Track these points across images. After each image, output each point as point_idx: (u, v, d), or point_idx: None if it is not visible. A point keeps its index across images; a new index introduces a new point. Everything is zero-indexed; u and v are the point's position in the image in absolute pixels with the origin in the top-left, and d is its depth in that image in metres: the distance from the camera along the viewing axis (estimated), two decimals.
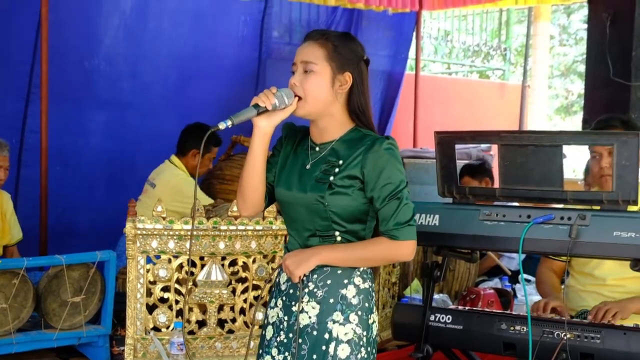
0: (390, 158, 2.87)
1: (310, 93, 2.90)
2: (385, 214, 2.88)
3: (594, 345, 3.62)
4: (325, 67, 2.91)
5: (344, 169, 2.89)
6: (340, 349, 2.89)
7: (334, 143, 2.97)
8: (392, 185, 2.86)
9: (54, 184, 6.35)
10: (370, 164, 2.86)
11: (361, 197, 2.90)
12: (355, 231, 2.95)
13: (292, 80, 2.93)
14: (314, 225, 2.96)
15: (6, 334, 4.08)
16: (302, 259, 2.91)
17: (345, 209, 2.90)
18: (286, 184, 3.00)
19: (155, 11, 7.34)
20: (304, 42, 2.97)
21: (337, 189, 2.88)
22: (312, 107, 2.93)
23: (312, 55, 2.91)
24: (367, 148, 2.87)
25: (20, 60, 6.51)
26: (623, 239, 3.45)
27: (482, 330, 3.91)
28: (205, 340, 4.33)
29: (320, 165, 2.94)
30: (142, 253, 4.24)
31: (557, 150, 3.76)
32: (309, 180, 2.94)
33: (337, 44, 2.94)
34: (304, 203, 2.95)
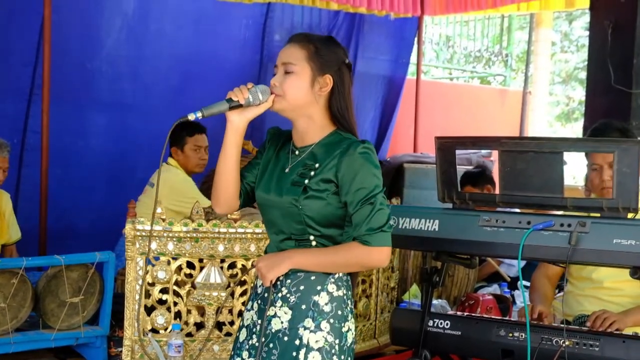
0: (365, 162, 2.83)
1: (288, 93, 2.88)
2: (358, 219, 2.83)
3: (592, 353, 3.62)
4: (305, 68, 2.90)
5: (320, 172, 2.86)
6: (310, 356, 2.84)
7: (313, 147, 2.95)
8: (366, 189, 2.82)
9: (54, 185, 6.36)
10: (344, 167, 2.82)
11: (336, 201, 2.87)
12: (331, 236, 2.93)
13: (273, 80, 2.93)
14: (289, 228, 2.94)
15: (4, 334, 4.10)
16: (274, 262, 2.88)
17: (319, 213, 2.87)
18: (265, 187, 2.99)
19: (157, 13, 7.35)
20: (287, 44, 2.97)
21: (311, 192, 2.85)
22: (288, 104, 2.91)
23: (293, 57, 2.91)
24: (343, 152, 2.84)
25: (22, 61, 6.51)
26: (623, 246, 3.44)
27: (481, 336, 3.91)
28: (203, 343, 4.33)
29: (298, 168, 2.93)
30: (141, 254, 4.24)
31: (557, 157, 3.76)
32: (286, 183, 2.92)
33: (318, 46, 2.93)
34: (279, 206, 2.93)
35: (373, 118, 8.93)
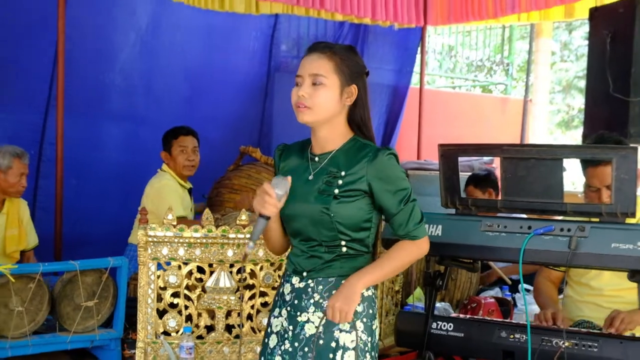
0: (396, 167, 2.91)
1: (319, 105, 2.88)
2: (402, 218, 2.91)
3: (591, 353, 3.63)
4: (335, 80, 2.90)
5: (347, 180, 2.89)
6: (347, 355, 2.89)
7: (333, 153, 2.97)
8: (404, 191, 2.90)
9: (69, 194, 6.38)
10: (378, 174, 2.87)
11: (366, 205, 2.91)
12: (361, 239, 2.95)
13: (300, 92, 2.89)
14: (319, 236, 2.94)
15: (22, 336, 4.10)
16: (348, 298, 2.83)
17: (351, 219, 2.90)
18: (289, 199, 2.93)
19: (169, 27, 7.36)
20: (310, 54, 2.94)
21: (342, 199, 2.87)
22: (319, 116, 2.91)
23: (322, 69, 2.89)
24: (370, 160, 2.88)
25: (39, 75, 6.53)
26: (621, 250, 3.45)
27: (483, 338, 3.92)
28: (214, 345, 4.34)
29: (322, 176, 2.94)
30: (153, 260, 4.26)
31: (557, 164, 3.77)
32: (312, 191, 2.93)
33: (344, 57, 2.93)
34: (308, 214, 2.93)
35: (377, 126, 8.92)
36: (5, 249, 5.42)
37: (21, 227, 5.49)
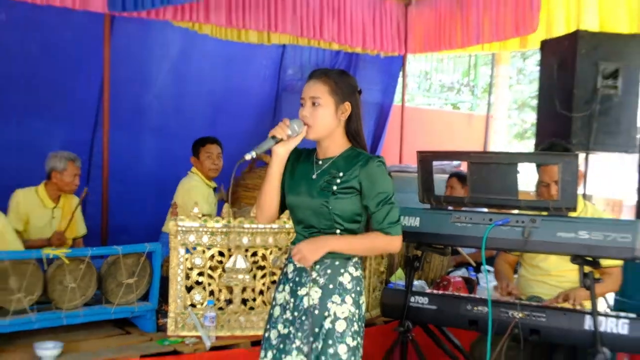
0: (382, 173, 2.92)
1: (318, 122, 2.93)
2: (380, 216, 2.92)
3: (540, 322, 3.65)
4: (330, 100, 2.93)
5: (344, 179, 2.92)
6: (337, 324, 2.91)
7: (334, 159, 2.99)
8: (384, 193, 2.91)
9: (113, 193, 6.40)
10: (366, 178, 2.90)
11: (357, 201, 2.93)
12: (352, 229, 2.97)
13: (303, 112, 2.94)
14: (319, 224, 2.97)
15: (75, 308, 4.11)
16: (316, 247, 2.90)
17: (345, 212, 2.92)
18: (295, 192, 3.00)
19: (196, 56, 7.35)
20: (310, 80, 2.98)
21: (339, 195, 2.90)
22: (320, 132, 2.96)
23: (319, 92, 2.93)
24: (363, 165, 2.91)
25: (89, 97, 6.54)
26: (565, 238, 3.47)
27: (452, 310, 3.93)
28: (232, 315, 4.35)
29: (324, 176, 2.96)
30: (182, 245, 4.27)
31: (513, 168, 3.78)
32: (315, 188, 2.95)
33: (337, 80, 2.96)
34: (311, 206, 2.96)
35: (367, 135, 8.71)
36: None
37: (73, 219, 5.49)
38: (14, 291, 3.91)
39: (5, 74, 6.18)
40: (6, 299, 3.90)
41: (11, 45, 6.18)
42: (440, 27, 7.71)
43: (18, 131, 6.32)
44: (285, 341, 2.98)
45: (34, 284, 3.98)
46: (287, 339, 2.98)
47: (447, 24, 7.61)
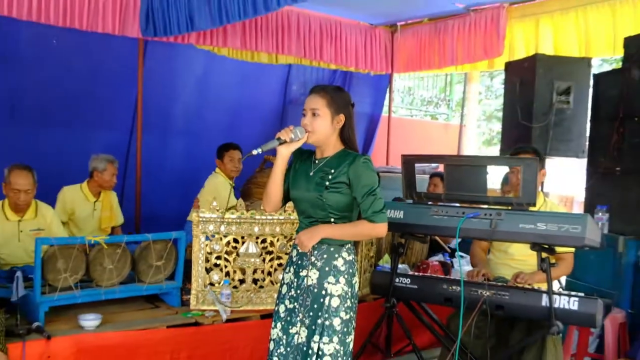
0: (367, 168, 2.92)
1: (317, 130, 2.94)
2: (365, 205, 2.91)
3: (504, 300, 3.64)
4: (327, 112, 2.94)
5: (336, 176, 2.92)
6: (333, 300, 2.92)
7: (328, 158, 2.99)
8: (368, 186, 2.90)
9: (146, 189, 6.41)
10: (353, 172, 2.90)
11: (348, 194, 2.93)
12: (344, 219, 2.97)
13: (304, 121, 2.95)
14: (316, 214, 2.97)
15: (112, 286, 4.12)
16: (312, 234, 2.91)
17: (337, 203, 2.93)
18: (297, 187, 3.01)
19: (217, 74, 7.34)
20: (311, 95, 2.98)
21: (331, 189, 2.91)
22: (318, 138, 2.97)
23: (318, 104, 2.94)
24: (350, 162, 2.92)
25: (125, 107, 6.52)
26: (526, 229, 3.47)
27: (430, 289, 3.93)
28: (244, 292, 4.34)
29: (319, 173, 2.97)
30: (203, 233, 4.26)
31: (483, 169, 3.78)
32: (311, 183, 2.96)
33: (333, 95, 2.96)
34: (308, 199, 2.97)
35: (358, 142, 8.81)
36: (101, 225, 5.43)
37: (111, 211, 5.49)
38: (61, 271, 3.91)
39: (57, 90, 6.18)
40: (55, 278, 3.90)
41: (62, 65, 6.17)
42: (421, 51, 7.72)
43: (67, 137, 6.31)
44: (291, 314, 3.00)
45: (78, 265, 3.97)
46: (293, 312, 3.00)
47: (427, 49, 7.63)
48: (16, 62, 5.92)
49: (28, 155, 5.60)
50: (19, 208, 4.55)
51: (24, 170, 4.49)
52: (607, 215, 4.84)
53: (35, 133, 6.11)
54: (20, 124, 6.04)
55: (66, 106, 6.28)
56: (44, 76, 6.09)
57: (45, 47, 6.02)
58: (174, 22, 5.02)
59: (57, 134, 6.27)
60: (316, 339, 2.90)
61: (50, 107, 6.20)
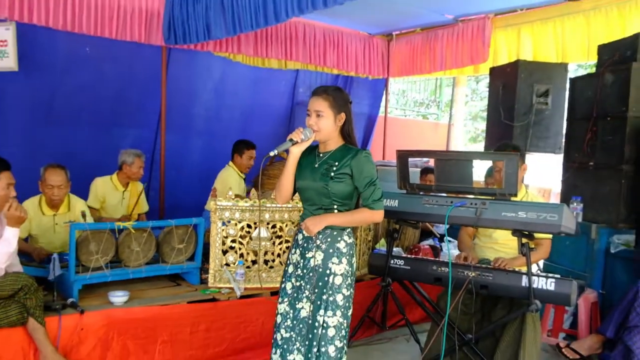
0: (367, 161, 2.92)
1: (323, 129, 2.94)
2: (366, 195, 2.93)
3: (488, 280, 3.63)
4: (330, 113, 2.93)
5: (339, 168, 2.92)
6: (336, 278, 2.91)
7: (331, 152, 2.98)
8: (369, 177, 2.92)
9: (169, 180, 6.42)
10: (356, 165, 2.90)
11: (350, 184, 2.92)
12: (346, 206, 2.97)
13: (310, 121, 2.95)
14: (321, 202, 2.96)
15: (139, 266, 4.12)
16: (318, 221, 2.91)
17: (341, 192, 2.92)
18: (303, 178, 3.00)
19: (232, 78, 7.33)
20: (314, 96, 2.96)
21: (335, 179, 2.91)
22: (324, 136, 2.96)
23: (321, 106, 2.93)
24: (353, 156, 2.92)
25: (152, 108, 6.50)
26: (508, 217, 3.45)
27: (421, 270, 3.91)
28: (256, 272, 4.34)
29: (324, 165, 2.96)
30: (220, 219, 4.25)
31: (469, 163, 3.76)
32: (317, 174, 2.95)
33: (334, 96, 2.95)
34: (314, 188, 2.96)
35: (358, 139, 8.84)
36: (129, 212, 5.43)
37: (138, 199, 5.49)
38: (93, 253, 3.91)
39: (90, 93, 6.18)
40: (88, 259, 3.90)
41: (94, 71, 6.17)
42: (414, 58, 7.70)
43: (99, 134, 6.32)
44: (297, 291, 3.00)
45: (108, 248, 3.97)
46: (299, 289, 2.99)
47: (419, 55, 7.61)
48: (52, 68, 5.92)
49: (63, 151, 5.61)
50: (53, 204, 4.56)
51: (58, 168, 4.51)
52: (581, 205, 4.83)
53: (70, 131, 6.11)
54: (56, 123, 6.04)
55: (98, 107, 6.29)
56: (77, 81, 6.09)
57: (78, 54, 6.01)
58: (193, 31, 4.99)
59: (90, 132, 6.27)
60: (322, 313, 2.90)
61: (83, 109, 6.20)
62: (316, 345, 2.89)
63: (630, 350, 3.69)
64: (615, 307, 3.91)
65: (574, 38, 5.90)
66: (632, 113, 4.56)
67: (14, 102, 5.77)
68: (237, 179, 5.77)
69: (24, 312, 3.33)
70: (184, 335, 3.91)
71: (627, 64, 4.59)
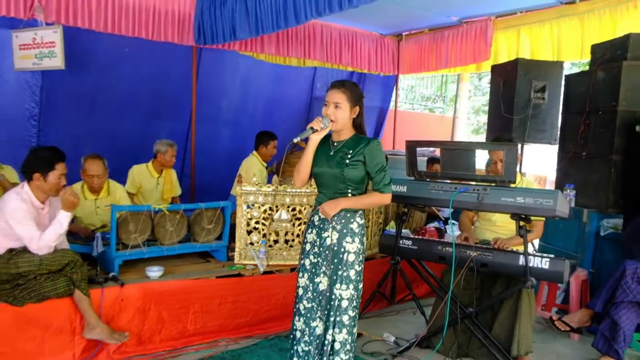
0: (379, 150, 2.94)
1: (339, 119, 2.94)
2: (377, 179, 2.94)
3: (488, 259, 3.61)
4: (347, 105, 2.93)
5: (354, 155, 2.92)
6: (349, 256, 2.93)
7: (345, 141, 2.98)
8: (380, 164, 2.93)
9: (199, 167, 6.42)
10: (369, 153, 2.91)
11: (363, 170, 2.93)
12: (358, 190, 2.98)
13: (327, 111, 2.94)
14: (336, 187, 2.97)
15: (172, 244, 4.15)
16: (334, 205, 2.92)
17: (355, 177, 2.93)
18: (320, 165, 3.00)
19: (257, 74, 7.31)
20: (333, 89, 2.96)
21: (350, 166, 2.91)
22: (338, 126, 2.96)
23: (340, 99, 2.93)
24: (366, 145, 2.92)
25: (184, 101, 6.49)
26: (507, 202, 3.42)
27: (428, 249, 3.90)
28: (277, 251, 4.35)
29: (339, 153, 2.96)
30: (244, 203, 4.26)
31: (472, 152, 3.73)
32: (333, 161, 2.95)
33: (351, 90, 2.95)
34: (330, 174, 2.96)
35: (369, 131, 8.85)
36: (163, 196, 5.46)
37: (171, 184, 5.51)
38: (132, 232, 3.94)
39: (129, 88, 6.20)
40: (127, 238, 3.94)
41: (133, 68, 6.19)
42: (422, 56, 7.64)
43: (136, 126, 6.34)
44: (315, 267, 3.01)
45: (145, 227, 4.01)
46: (317, 265, 3.00)
47: (426, 54, 7.55)
48: (96, 66, 5.95)
49: (105, 141, 5.65)
50: (94, 189, 4.60)
51: (96, 158, 4.52)
52: (574, 191, 4.79)
53: (111, 123, 6.15)
54: (99, 116, 6.08)
55: (136, 102, 6.31)
56: (118, 77, 6.12)
57: (118, 54, 6.03)
58: (220, 32, 4.99)
59: (129, 123, 6.30)
60: (337, 287, 2.93)
61: (123, 103, 6.22)
62: (333, 314, 2.93)
63: (617, 323, 3.68)
64: (603, 285, 3.88)
65: (569, 38, 5.83)
66: (622, 107, 4.52)
67: (61, 97, 5.81)
68: (259, 167, 5.78)
69: (70, 285, 3.38)
70: (213, 306, 3.94)
71: (618, 62, 4.55)
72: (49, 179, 3.46)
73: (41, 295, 3.32)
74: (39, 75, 5.62)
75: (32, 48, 4.92)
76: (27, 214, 3.38)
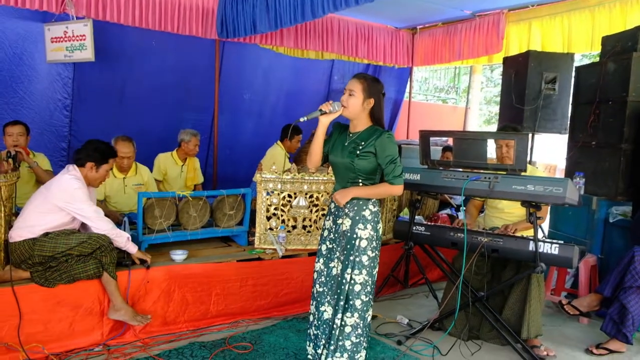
0: (390, 142, 2.87)
1: (350, 106, 2.91)
2: (388, 171, 2.88)
3: (498, 245, 3.56)
4: (361, 95, 2.89)
5: (365, 147, 2.88)
6: (361, 242, 2.90)
7: (360, 133, 2.94)
8: (391, 156, 2.87)
9: (222, 156, 6.46)
10: (379, 145, 2.86)
11: (374, 162, 2.89)
12: (370, 181, 2.94)
13: (343, 97, 2.93)
14: (348, 177, 2.95)
15: (195, 229, 4.15)
16: (345, 193, 2.90)
17: (365, 168, 2.89)
18: (335, 154, 2.98)
19: (279, 67, 7.26)
20: (353, 78, 2.94)
21: (361, 157, 2.88)
22: (350, 112, 2.92)
23: (355, 87, 2.90)
24: (377, 136, 2.87)
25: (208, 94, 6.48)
26: (518, 189, 3.36)
27: (440, 235, 3.86)
28: (296, 236, 4.33)
29: (352, 144, 2.92)
30: (264, 190, 4.24)
31: (484, 142, 3.66)
32: (346, 152, 2.92)
33: (369, 83, 2.91)
34: (342, 163, 2.94)
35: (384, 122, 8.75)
36: (187, 183, 5.47)
37: (194, 172, 5.53)
38: (157, 217, 3.95)
39: (156, 80, 6.19)
40: (153, 223, 3.95)
41: (159, 61, 6.18)
42: (435, 49, 7.55)
43: (162, 116, 6.34)
44: (330, 252, 3.00)
45: (170, 213, 4.01)
46: (332, 251, 3.00)
47: (440, 47, 7.46)
48: (124, 58, 5.96)
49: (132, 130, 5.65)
50: (123, 169, 4.63)
51: (126, 140, 4.56)
52: (583, 180, 4.71)
53: (139, 113, 6.16)
54: (127, 106, 6.10)
55: (163, 93, 6.31)
56: (145, 70, 6.12)
57: (146, 46, 6.03)
58: (241, 27, 4.97)
59: (155, 113, 6.30)
60: (349, 272, 2.90)
61: (150, 94, 6.23)
62: (343, 298, 2.90)
63: (625, 308, 3.61)
64: (612, 270, 3.81)
65: (579, 31, 5.72)
66: (631, 98, 4.43)
67: (91, 88, 5.84)
68: (283, 156, 5.77)
69: (99, 267, 3.39)
70: (235, 289, 3.94)
71: (628, 54, 4.45)
72: (100, 171, 3.56)
73: (72, 277, 3.33)
74: (71, 67, 5.64)
75: (63, 41, 4.93)
76: (86, 193, 3.46)
